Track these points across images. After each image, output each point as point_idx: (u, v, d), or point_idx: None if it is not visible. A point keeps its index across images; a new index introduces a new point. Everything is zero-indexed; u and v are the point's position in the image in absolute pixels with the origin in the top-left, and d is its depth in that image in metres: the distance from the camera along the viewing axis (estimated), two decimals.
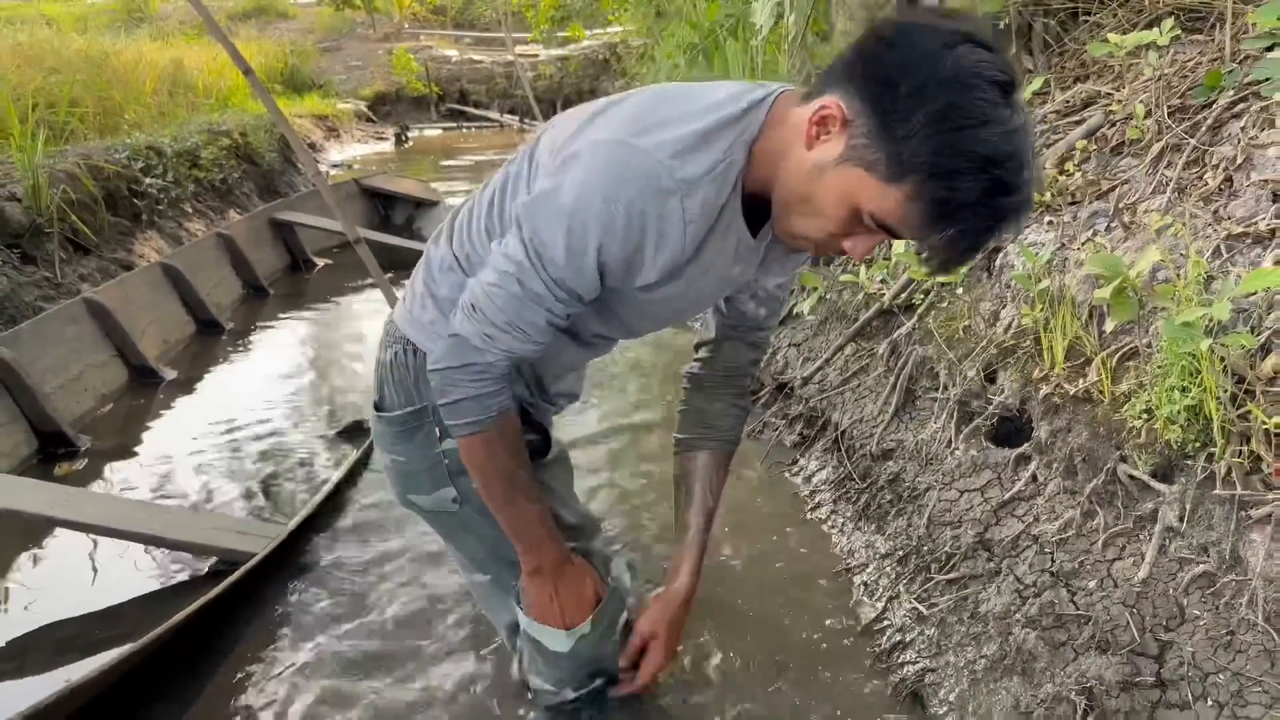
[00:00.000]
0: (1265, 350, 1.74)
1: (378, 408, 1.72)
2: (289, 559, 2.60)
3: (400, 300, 1.72)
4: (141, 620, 2.36)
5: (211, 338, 4.76)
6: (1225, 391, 1.68)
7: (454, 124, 16.08)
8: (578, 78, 15.90)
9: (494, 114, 16.31)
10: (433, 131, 15.46)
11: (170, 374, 4.17)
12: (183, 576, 2.63)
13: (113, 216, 5.29)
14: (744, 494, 2.94)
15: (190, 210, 6.26)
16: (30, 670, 2.27)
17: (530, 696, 1.93)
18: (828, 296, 3.30)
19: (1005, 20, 3.15)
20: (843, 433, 2.88)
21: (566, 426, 3.31)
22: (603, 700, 1.86)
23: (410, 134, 14.21)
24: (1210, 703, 1.58)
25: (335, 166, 10.79)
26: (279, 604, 2.45)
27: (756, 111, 1.31)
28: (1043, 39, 3.33)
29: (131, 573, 2.65)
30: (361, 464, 3.17)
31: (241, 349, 4.64)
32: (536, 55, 16.88)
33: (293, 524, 2.64)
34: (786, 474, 3.02)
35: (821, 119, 1.21)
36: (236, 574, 2.34)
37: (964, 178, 1.11)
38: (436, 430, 1.65)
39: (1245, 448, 1.66)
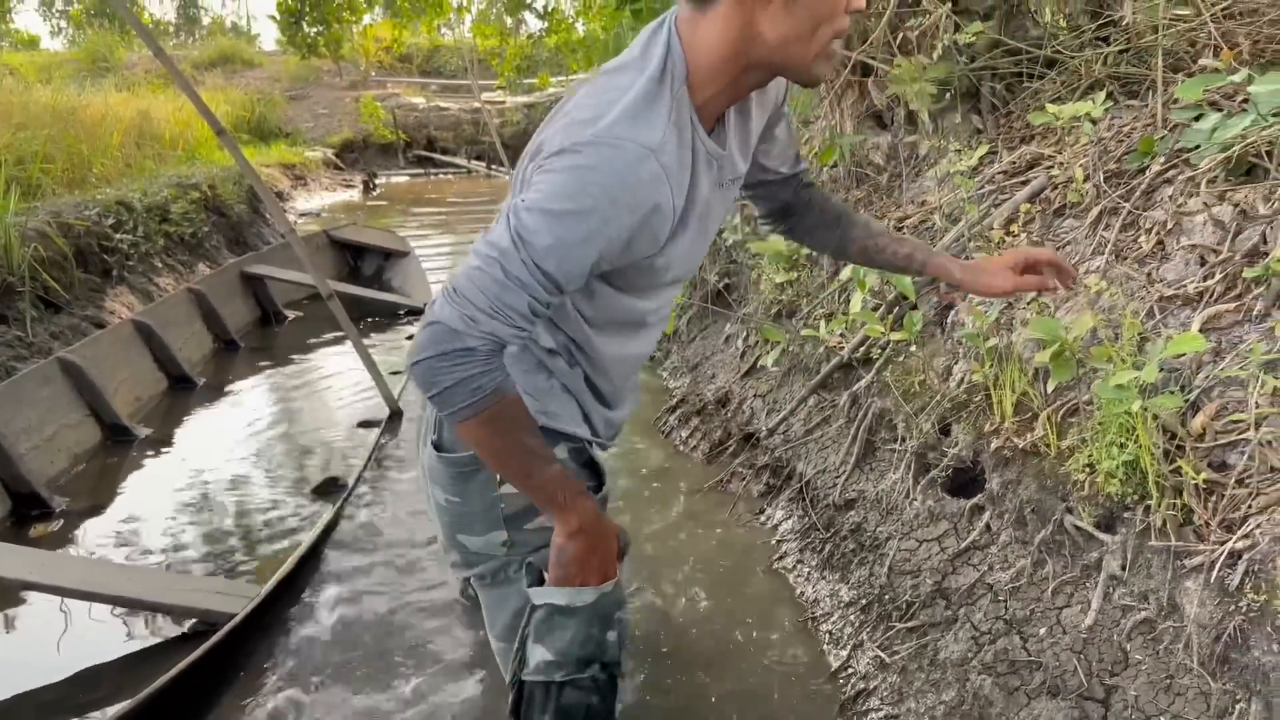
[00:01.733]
0: (1195, 408, 1.86)
1: (437, 447, 1.68)
2: (268, 619, 2.64)
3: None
4: (122, 683, 2.40)
5: (184, 394, 4.79)
6: (1159, 448, 1.79)
7: (421, 171, 16.21)
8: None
9: (461, 160, 16.47)
10: (400, 178, 15.58)
11: (143, 432, 4.19)
12: (162, 638, 2.66)
13: (83, 273, 5.33)
14: (712, 543, 3.03)
15: (160, 265, 6.30)
16: None
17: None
18: (790, 349, 3.41)
19: (954, 85, 3.31)
20: (807, 483, 2.98)
21: None
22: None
23: (378, 181, 14.31)
24: None
25: (303, 215, 10.85)
26: (260, 665, 2.49)
27: (670, 46, 1.40)
28: (990, 102, 3.49)
29: (110, 635, 2.68)
30: (336, 521, 3.22)
31: (214, 405, 4.67)
32: (503, 102, 17.09)
33: (270, 584, 2.68)
34: (754, 523, 3.11)
35: None
36: (217, 636, 2.38)
37: None
38: (496, 475, 1.64)
39: (1179, 500, 1.78)
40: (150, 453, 4.04)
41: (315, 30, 18.05)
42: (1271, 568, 1.54)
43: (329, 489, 3.50)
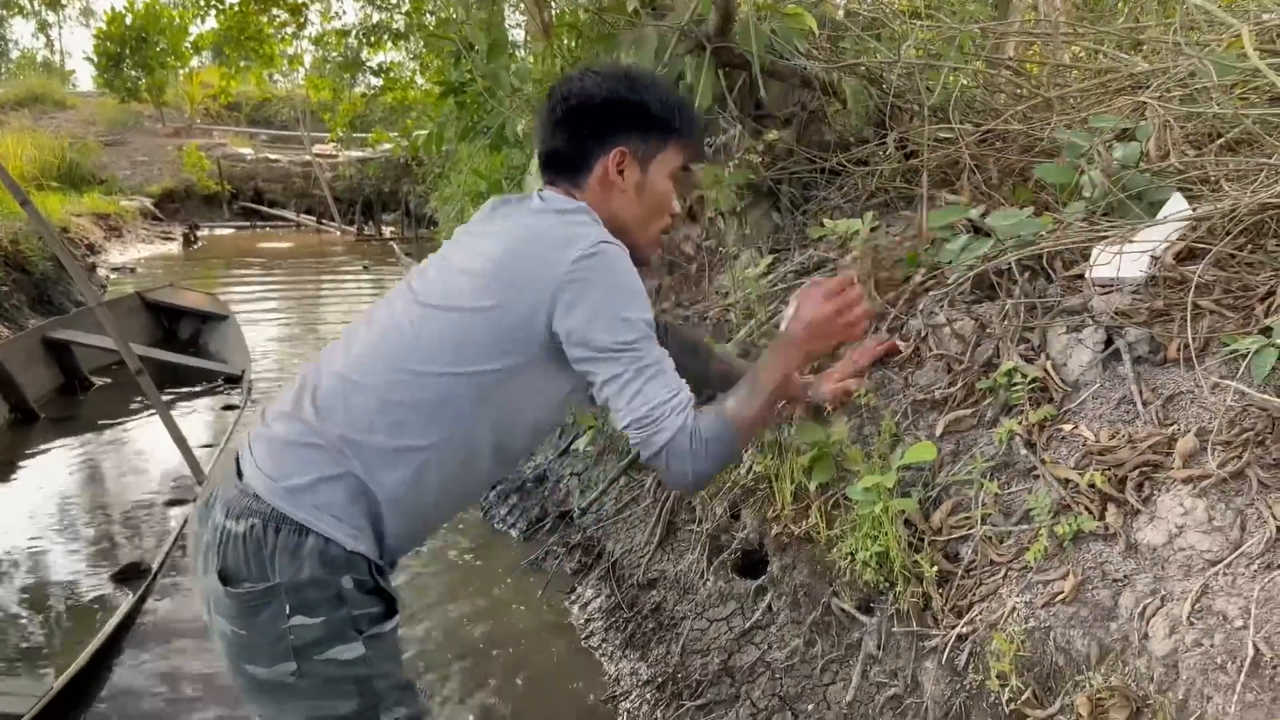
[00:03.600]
0: (937, 504, 2.12)
1: (223, 578, 1.61)
2: (60, 718, 2.56)
3: (256, 469, 1.62)
4: None
5: None
6: (904, 541, 2.03)
7: (248, 223, 15.79)
8: (378, 179, 15.98)
9: (290, 214, 16.14)
10: (225, 230, 15.12)
11: None
12: None
13: None
14: (523, 622, 3.13)
15: None
16: None
17: None
18: (604, 429, 3.58)
19: (753, 188, 3.60)
20: (615, 561, 3.13)
21: None
22: None
23: (200, 234, 13.85)
24: None
25: (116, 270, 10.39)
26: None
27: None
28: (787, 201, 3.80)
29: None
30: (136, 612, 3.14)
31: (7, 481, 4.44)
32: (336, 156, 16.89)
33: (61, 681, 2.60)
34: (565, 602, 3.23)
35: (616, 164, 1.68)
36: None
37: (682, 109, 1.74)
38: (286, 607, 1.59)
39: (920, 588, 2.02)
40: None
41: (136, 74, 17.40)
42: (987, 651, 1.78)
43: (131, 574, 3.40)
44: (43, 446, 4.96)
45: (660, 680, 2.58)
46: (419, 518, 1.71)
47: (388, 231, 15.28)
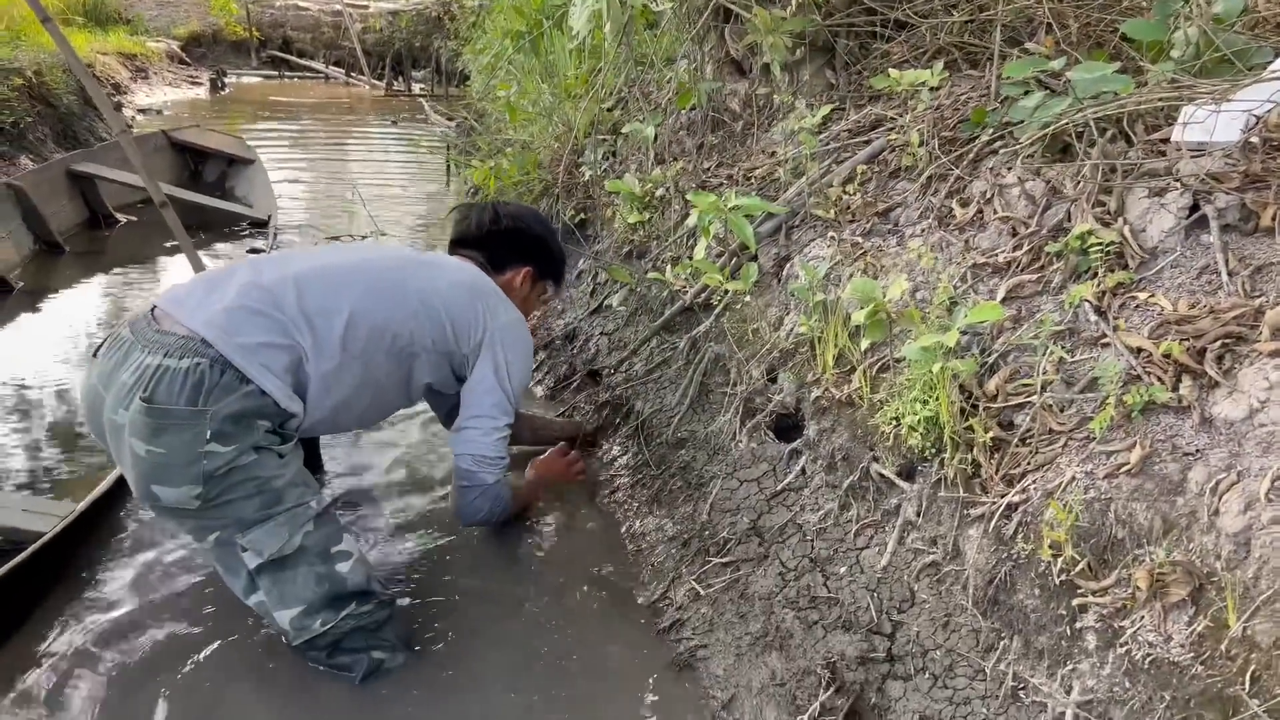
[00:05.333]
0: (992, 371, 2.01)
1: (148, 400, 1.89)
2: (80, 539, 2.55)
3: (208, 320, 2.01)
4: None
5: None
6: (956, 406, 1.94)
7: (275, 72, 15.42)
8: (409, 33, 15.49)
9: (319, 65, 15.73)
10: (252, 79, 14.78)
11: None
12: None
13: None
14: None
15: None
16: None
17: (289, 641, 2.10)
18: (637, 290, 3.47)
19: (808, 40, 3.38)
20: (643, 421, 3.06)
21: None
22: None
23: (227, 80, 13.54)
24: (927, 675, 1.84)
25: (143, 112, 10.20)
26: (67, 586, 2.41)
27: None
28: (844, 59, 3.58)
29: None
30: None
31: (33, 311, 4.40)
32: (367, 7, 16.35)
33: (84, 503, 2.59)
34: (590, 459, 3.18)
35: (524, 278, 2.69)
36: (21, 555, 2.29)
37: (564, 262, 2.84)
38: (207, 433, 1.91)
39: (969, 455, 1.93)
40: None
41: None
42: (1039, 521, 1.70)
43: None
44: (68, 279, 4.91)
45: (686, 537, 2.54)
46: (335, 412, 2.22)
47: (417, 88, 14.89)
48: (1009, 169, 2.41)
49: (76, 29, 11.34)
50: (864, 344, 2.23)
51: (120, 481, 2.77)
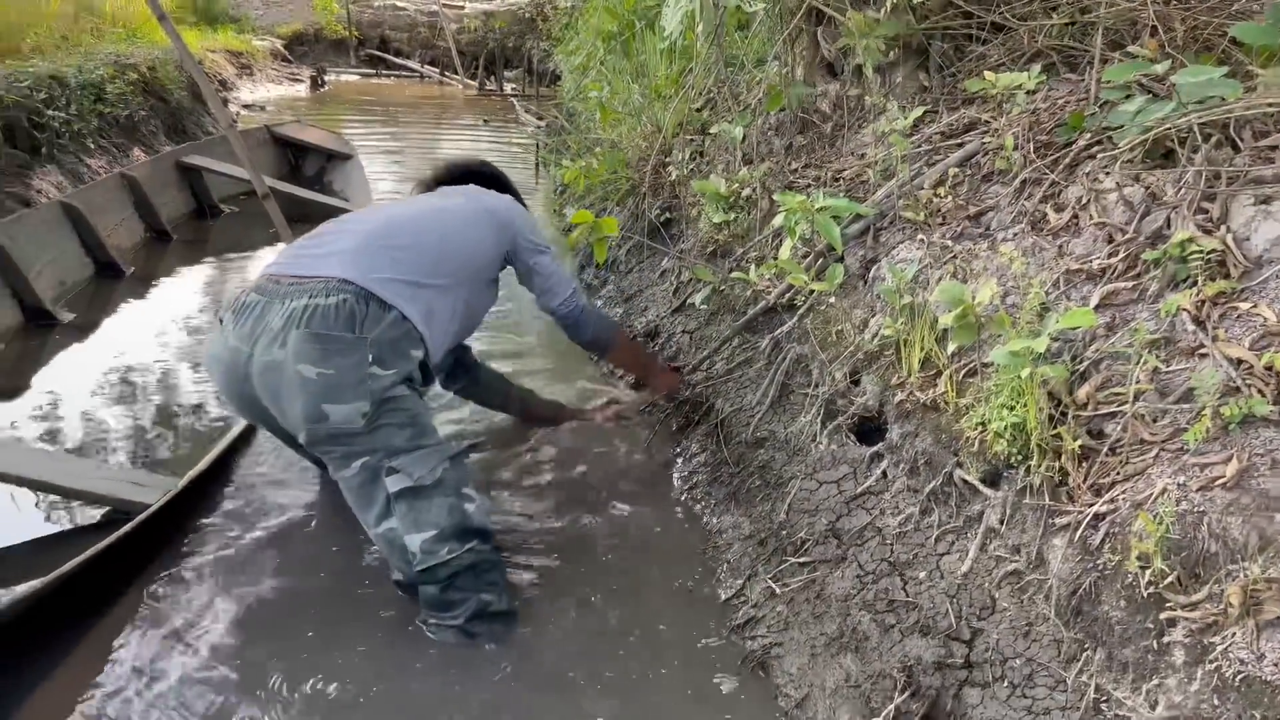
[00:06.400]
0: (1083, 378, 1.97)
1: (309, 329, 2.13)
2: (183, 511, 2.67)
3: (339, 263, 2.28)
4: (33, 565, 2.43)
5: (111, 282, 4.71)
6: (1044, 413, 1.91)
7: (372, 70, 15.79)
8: (503, 34, 15.72)
9: (414, 64, 16.07)
10: (350, 77, 15.18)
11: (67, 316, 4.14)
12: (75, 524, 2.68)
13: (11, 149, 5.16)
14: (627, 470, 3.13)
15: (93, 146, 6.12)
16: None
17: (408, 572, 2.25)
18: (720, 289, 3.48)
19: (903, 42, 3.35)
20: (723, 420, 3.07)
21: None
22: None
23: (327, 78, 13.94)
24: (1006, 684, 1.82)
25: (247, 107, 10.56)
26: (172, 556, 2.53)
27: None
28: (938, 61, 3.54)
29: (23, 517, 2.70)
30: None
31: (142, 295, 4.61)
32: (462, 7, 16.64)
33: (187, 478, 2.71)
34: (668, 455, 3.21)
35: None
36: (129, 525, 2.42)
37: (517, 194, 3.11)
38: (369, 357, 2.17)
39: (1056, 463, 1.90)
40: (73, 338, 4.00)
41: None
42: (1128, 532, 1.67)
43: None
44: (175, 266, 5.12)
45: (763, 536, 2.54)
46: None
47: (509, 88, 15.12)
48: (1107, 174, 2.36)
49: (188, 27, 11.79)
50: (951, 348, 2.21)
51: (220, 459, 2.89)
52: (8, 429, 3.20)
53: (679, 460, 3.16)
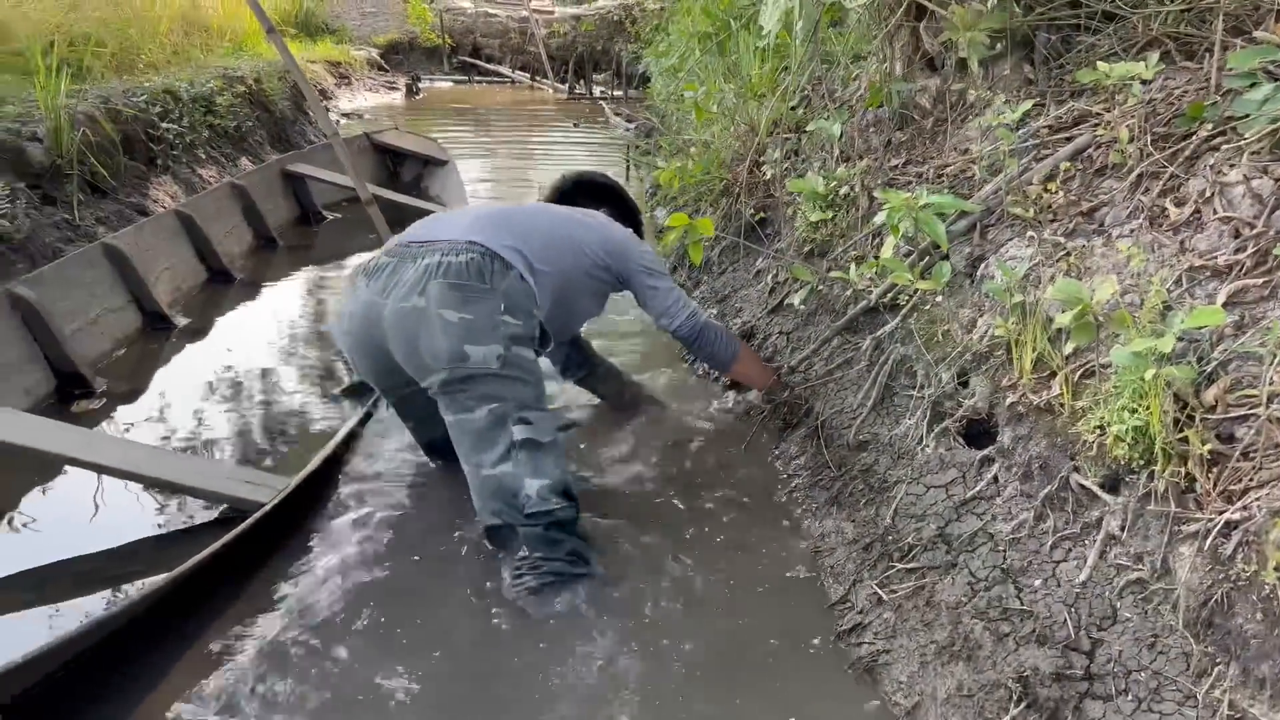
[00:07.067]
0: (1210, 380, 1.88)
1: (446, 278, 2.39)
2: (295, 511, 2.75)
3: (466, 229, 2.55)
4: (154, 561, 2.53)
5: (222, 287, 4.89)
6: (1169, 415, 1.83)
7: (465, 77, 16.08)
8: (591, 38, 15.84)
9: (506, 70, 16.30)
10: (444, 84, 15.48)
11: (182, 321, 4.31)
12: (192, 522, 2.79)
13: (129, 160, 5.40)
14: (725, 471, 3.11)
15: (204, 156, 6.36)
16: (51, 600, 2.44)
17: (513, 515, 2.43)
18: (819, 289, 3.44)
19: (1007, 34, 3.26)
20: (823, 422, 3.03)
21: None
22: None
23: (421, 85, 14.23)
24: (1131, 698, 1.75)
25: (345, 116, 10.84)
26: (286, 554, 2.60)
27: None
28: (1044, 53, 3.43)
29: (144, 514, 2.82)
30: (364, 424, 3.32)
31: (251, 300, 4.78)
32: (552, 12, 16.81)
33: (299, 477, 2.79)
34: (767, 456, 3.18)
35: None
36: (246, 523, 2.50)
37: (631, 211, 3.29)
38: (501, 305, 2.42)
39: (1183, 468, 1.82)
40: (187, 342, 4.16)
41: None
42: (1264, 541, 1.59)
43: (359, 391, 3.59)
44: (282, 271, 5.29)
45: (868, 540, 2.50)
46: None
47: (598, 91, 15.22)
48: (1231, 166, 2.26)
49: (289, 39, 12.16)
50: (1068, 348, 2.14)
51: (330, 460, 2.96)
52: (130, 428, 3.35)
53: (777, 463, 3.14)
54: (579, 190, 3.16)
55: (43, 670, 1.88)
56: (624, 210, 3.19)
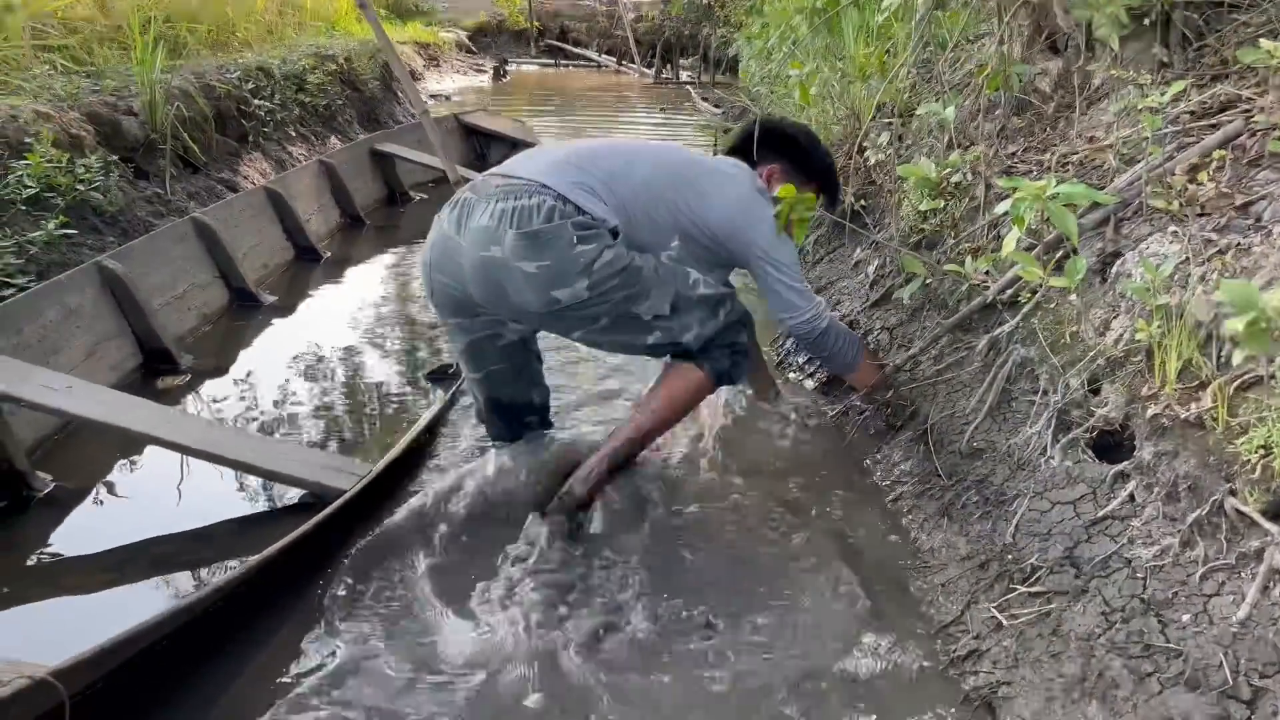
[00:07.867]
0: None
1: (519, 229, 2.38)
2: (377, 498, 2.66)
3: (541, 170, 2.52)
4: (234, 545, 2.47)
5: (309, 265, 4.87)
6: None
7: (551, 60, 16.05)
8: (679, 22, 15.65)
9: (592, 54, 16.23)
10: (530, 67, 15.46)
11: (269, 299, 4.28)
12: (272, 506, 2.72)
13: (221, 136, 5.41)
14: (824, 474, 2.94)
15: (294, 134, 6.37)
16: (130, 580, 2.39)
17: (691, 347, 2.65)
18: (929, 283, 3.23)
19: (1148, 11, 3.00)
20: (931, 426, 2.84)
21: None
22: None
23: (509, 68, 14.22)
24: None
25: (434, 97, 10.86)
26: (367, 541, 2.51)
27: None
28: (1182, 33, 3.16)
29: (224, 497, 2.76)
30: (448, 409, 3.23)
31: (337, 280, 4.74)
32: None
33: (381, 464, 2.71)
34: (868, 460, 3.00)
35: (769, 175, 2.87)
36: (327, 510, 2.42)
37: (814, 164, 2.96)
38: (574, 238, 2.40)
39: None
40: (274, 320, 4.13)
41: None
42: None
43: (443, 375, 3.51)
44: (369, 251, 5.26)
45: (984, 558, 2.31)
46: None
47: (684, 76, 15.03)
48: None
49: (380, 19, 12.25)
50: (1235, 358, 1.90)
51: (414, 444, 2.87)
52: (214, 407, 3.31)
53: (878, 468, 2.95)
54: (765, 140, 2.87)
55: (113, 663, 1.80)
56: (806, 166, 2.92)
